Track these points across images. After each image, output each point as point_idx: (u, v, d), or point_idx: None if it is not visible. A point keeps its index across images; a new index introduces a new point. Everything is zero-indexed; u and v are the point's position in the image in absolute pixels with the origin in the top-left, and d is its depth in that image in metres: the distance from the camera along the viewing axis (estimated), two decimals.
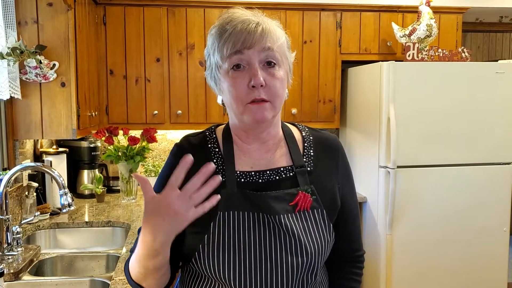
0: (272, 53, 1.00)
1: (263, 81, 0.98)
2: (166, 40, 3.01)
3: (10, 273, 1.73)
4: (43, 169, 2.00)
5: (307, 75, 3.19)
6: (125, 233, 2.40)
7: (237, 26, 0.99)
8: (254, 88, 0.98)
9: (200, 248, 1.01)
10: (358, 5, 3.18)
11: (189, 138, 1.13)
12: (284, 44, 1.04)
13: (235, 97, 1.00)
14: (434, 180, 2.87)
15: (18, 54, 2.07)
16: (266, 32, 0.99)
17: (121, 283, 1.59)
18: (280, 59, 1.02)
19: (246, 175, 1.07)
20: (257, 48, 0.99)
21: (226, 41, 0.99)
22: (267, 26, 1.00)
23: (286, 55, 1.05)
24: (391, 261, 2.86)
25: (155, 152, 3.39)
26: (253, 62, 0.99)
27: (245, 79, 0.99)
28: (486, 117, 2.90)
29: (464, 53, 3.00)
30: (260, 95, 0.99)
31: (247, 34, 0.98)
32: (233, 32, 0.99)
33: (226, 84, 1.01)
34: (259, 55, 0.99)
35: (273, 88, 1.00)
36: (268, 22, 1.02)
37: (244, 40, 0.98)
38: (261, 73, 0.99)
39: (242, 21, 0.99)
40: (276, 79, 1.00)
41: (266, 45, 0.99)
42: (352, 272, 1.19)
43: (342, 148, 1.17)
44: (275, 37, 1.01)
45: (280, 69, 1.02)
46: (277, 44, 1.01)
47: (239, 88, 0.99)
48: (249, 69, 0.99)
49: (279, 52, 1.01)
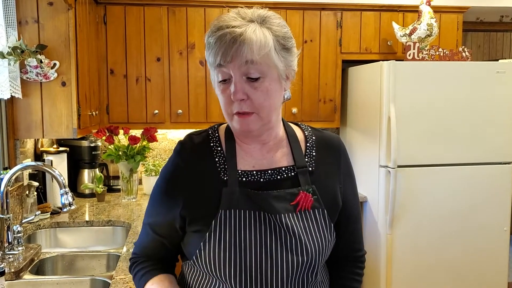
0: (253, 66, 0.96)
1: (243, 96, 0.98)
2: (166, 40, 3.01)
3: (11, 272, 1.73)
4: (43, 168, 2.00)
5: (308, 74, 3.19)
6: (126, 232, 2.40)
7: (218, 38, 0.97)
8: (236, 101, 0.99)
9: (201, 246, 1.01)
10: (359, 5, 3.17)
11: (192, 136, 1.13)
12: (272, 52, 0.98)
13: (223, 107, 1.03)
14: (435, 180, 2.87)
15: (18, 53, 2.07)
16: (245, 44, 0.94)
17: (122, 282, 1.59)
18: (265, 70, 0.98)
19: (248, 174, 1.07)
20: (237, 62, 0.96)
21: (210, 53, 0.99)
22: (249, 36, 0.95)
23: (275, 63, 0.99)
24: (391, 261, 2.87)
25: (156, 151, 3.39)
26: (234, 77, 0.98)
27: (229, 92, 0.99)
28: (486, 116, 2.89)
29: (465, 53, 3.00)
30: (242, 108, 0.99)
31: (226, 48, 0.96)
32: (214, 44, 0.97)
33: (218, 93, 1.04)
34: (240, 69, 0.97)
35: (256, 101, 0.99)
36: (254, 29, 0.96)
37: (223, 54, 0.96)
38: (244, 86, 0.98)
39: (222, 34, 0.96)
40: (259, 91, 0.98)
41: (245, 59, 0.95)
42: (353, 272, 1.19)
43: (344, 148, 1.17)
44: (257, 47, 0.95)
45: (265, 80, 0.99)
46: (260, 54, 0.96)
47: (225, 100, 1.01)
48: (232, 82, 0.99)
49: (264, 63, 0.97)
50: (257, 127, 1.02)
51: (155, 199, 1.13)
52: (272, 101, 1.01)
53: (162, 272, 1.12)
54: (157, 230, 1.11)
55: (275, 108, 1.04)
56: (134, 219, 2.47)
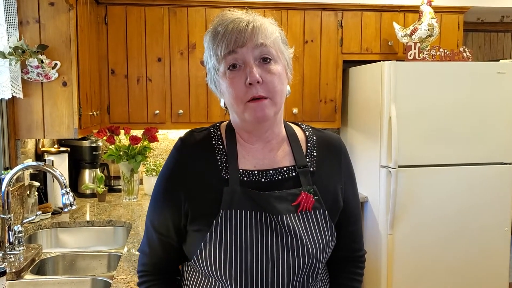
0: (266, 49, 0.99)
1: (259, 78, 0.98)
2: (167, 40, 3.01)
3: (12, 272, 1.74)
4: (44, 168, 2.00)
5: (309, 74, 3.19)
6: (127, 232, 2.40)
7: (228, 27, 0.99)
8: (251, 86, 0.98)
9: (202, 246, 1.01)
10: (359, 5, 3.17)
11: (193, 133, 1.13)
12: (279, 39, 1.03)
13: (234, 96, 1.00)
14: (436, 180, 2.87)
15: (20, 53, 2.08)
16: (257, 29, 0.99)
17: (123, 282, 1.59)
18: (275, 54, 1.01)
19: (249, 173, 1.06)
20: (250, 46, 0.98)
21: (219, 43, 1.00)
22: (258, 23, 1.00)
23: (282, 50, 1.04)
24: (392, 261, 2.86)
25: (157, 151, 3.39)
26: (248, 60, 0.99)
27: (242, 78, 0.99)
28: (487, 116, 2.89)
29: (466, 53, 3.00)
30: (257, 92, 0.98)
31: (238, 33, 0.98)
32: (224, 32, 0.99)
33: (225, 85, 1.01)
34: (253, 52, 0.99)
35: (270, 83, 0.99)
36: (259, 20, 1.01)
37: (236, 39, 0.98)
38: (257, 69, 0.98)
39: (232, 21, 0.99)
40: (273, 74, 1.00)
41: (259, 42, 0.99)
42: (353, 272, 1.19)
43: (345, 149, 1.17)
44: (267, 33, 1.00)
45: (276, 64, 1.01)
46: (270, 40, 1.00)
47: (237, 88, 0.99)
48: (245, 67, 0.99)
49: (274, 48, 1.01)
50: (271, 113, 1.02)
51: (157, 199, 1.10)
52: (283, 86, 1.03)
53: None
54: (163, 231, 1.08)
55: (284, 96, 1.05)
56: (135, 219, 2.47)
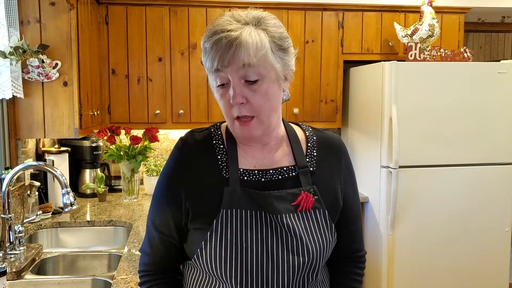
0: (251, 69, 0.96)
1: (242, 99, 0.97)
2: (168, 40, 3.01)
3: (12, 272, 1.74)
4: (45, 168, 2.00)
5: (309, 75, 3.19)
6: (127, 232, 2.40)
7: (214, 43, 0.96)
8: (236, 105, 0.99)
9: (203, 245, 1.01)
10: (360, 5, 3.17)
11: (194, 133, 1.13)
12: (268, 53, 0.97)
13: (223, 112, 1.03)
14: (436, 180, 2.87)
15: (20, 53, 2.08)
16: (241, 47, 0.94)
17: (123, 282, 1.59)
18: (263, 72, 0.97)
19: (249, 173, 1.07)
20: (234, 67, 0.96)
21: (207, 58, 0.99)
22: (245, 39, 0.94)
23: (272, 64, 0.98)
24: (393, 261, 2.86)
25: (157, 151, 3.39)
26: (232, 80, 0.97)
27: (228, 96, 0.99)
28: (488, 117, 2.89)
29: (466, 53, 3.00)
30: (241, 113, 0.99)
31: (222, 52, 0.95)
32: (211, 49, 0.97)
33: (217, 98, 1.03)
34: (238, 73, 0.96)
35: (255, 104, 0.99)
36: (249, 33, 0.95)
37: (219, 59, 0.96)
38: (242, 90, 0.97)
39: (218, 39, 0.95)
40: (258, 94, 0.98)
41: (242, 63, 0.95)
42: (353, 272, 1.19)
43: (345, 149, 1.17)
44: (254, 50, 0.95)
45: (263, 82, 0.98)
46: (257, 57, 0.95)
47: (225, 105, 1.01)
48: (230, 86, 0.98)
49: (261, 65, 0.97)
50: (259, 132, 1.02)
51: (158, 198, 1.10)
52: (271, 103, 1.01)
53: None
54: (165, 230, 1.08)
55: (275, 110, 1.04)
56: (136, 219, 2.47)
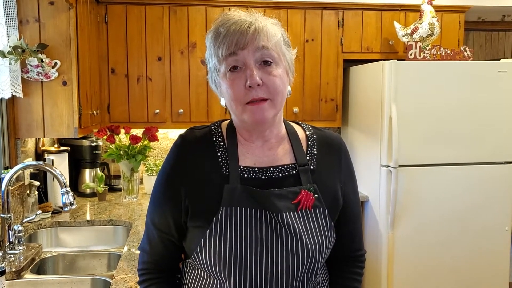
0: (267, 52, 0.99)
1: (260, 80, 0.98)
2: (167, 39, 3.01)
3: (12, 271, 1.73)
4: (44, 167, 2.00)
5: (309, 74, 3.18)
6: (127, 231, 2.40)
7: (230, 28, 0.99)
8: (251, 88, 0.98)
9: (202, 243, 1.01)
10: (360, 4, 3.17)
11: (194, 130, 1.13)
12: (281, 42, 1.03)
13: (234, 98, 1.01)
14: (436, 179, 2.86)
15: (19, 52, 2.07)
16: (259, 31, 0.98)
17: (123, 281, 1.59)
18: (277, 57, 1.01)
19: (250, 171, 1.06)
20: (251, 48, 0.98)
21: (220, 44, 0.99)
22: (260, 25, 0.99)
23: (284, 53, 1.03)
24: (393, 260, 2.86)
25: (157, 151, 3.39)
26: (249, 62, 0.98)
27: (242, 80, 0.99)
28: (488, 116, 2.89)
29: (466, 52, 2.99)
30: (257, 95, 0.99)
31: (240, 35, 0.98)
32: (226, 34, 0.99)
33: (225, 86, 1.02)
34: (254, 55, 0.98)
35: (271, 86, 0.99)
36: (262, 21, 1.01)
37: (237, 41, 0.98)
38: (258, 72, 0.98)
39: (234, 22, 0.99)
40: (274, 76, 1.00)
41: (260, 44, 0.98)
42: (353, 271, 1.18)
43: (345, 147, 1.17)
44: (270, 35, 1.00)
45: (277, 67, 1.01)
46: (272, 42, 1.00)
47: (236, 89, 0.99)
48: (245, 69, 0.99)
49: (276, 50, 1.01)
50: (271, 115, 1.02)
51: (157, 196, 1.10)
52: (284, 88, 1.03)
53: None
54: (164, 228, 1.08)
55: (284, 98, 1.04)
56: (135, 218, 2.47)
